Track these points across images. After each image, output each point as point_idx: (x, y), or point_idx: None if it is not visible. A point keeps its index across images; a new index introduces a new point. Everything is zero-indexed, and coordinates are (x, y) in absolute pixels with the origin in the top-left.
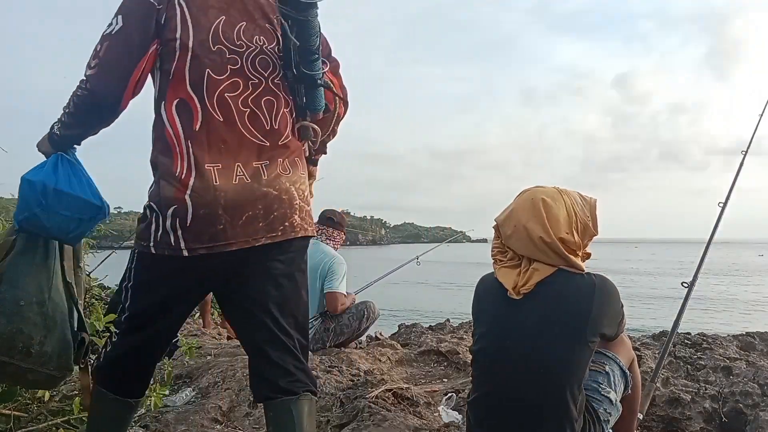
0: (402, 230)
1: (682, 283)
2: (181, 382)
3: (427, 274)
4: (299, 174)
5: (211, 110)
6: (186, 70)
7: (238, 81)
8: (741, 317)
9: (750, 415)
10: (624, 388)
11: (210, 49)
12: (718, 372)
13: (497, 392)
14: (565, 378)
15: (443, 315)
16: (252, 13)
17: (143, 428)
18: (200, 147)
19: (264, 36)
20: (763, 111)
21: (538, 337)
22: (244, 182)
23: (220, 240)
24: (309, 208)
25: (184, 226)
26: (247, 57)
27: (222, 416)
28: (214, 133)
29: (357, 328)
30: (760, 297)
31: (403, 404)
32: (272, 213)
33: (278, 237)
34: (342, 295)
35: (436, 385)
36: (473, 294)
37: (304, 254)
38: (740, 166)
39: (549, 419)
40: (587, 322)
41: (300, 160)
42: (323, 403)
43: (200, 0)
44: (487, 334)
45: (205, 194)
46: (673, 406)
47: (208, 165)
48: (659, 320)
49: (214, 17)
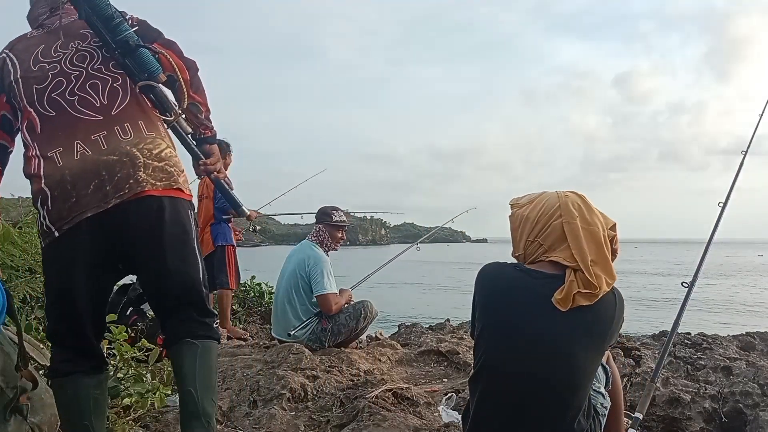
0: (402, 230)
1: (682, 283)
2: None
3: (428, 275)
4: (143, 136)
5: (44, 111)
6: (23, 95)
7: (61, 80)
8: (741, 317)
9: (750, 415)
10: (606, 382)
11: (32, 69)
12: (718, 372)
13: (508, 391)
14: (586, 379)
15: (443, 315)
16: (68, 31)
17: (143, 428)
18: (43, 142)
19: (78, 39)
20: (763, 111)
21: (565, 339)
22: (85, 155)
23: (75, 211)
24: (162, 164)
25: (48, 210)
26: (65, 59)
27: (222, 416)
28: (50, 127)
29: (354, 328)
30: (760, 297)
31: (403, 404)
32: (116, 176)
33: (126, 195)
34: (333, 295)
35: (436, 385)
36: (484, 278)
37: (167, 210)
38: (740, 166)
39: (569, 415)
40: (611, 334)
41: (145, 123)
42: (323, 403)
43: (23, 43)
44: (504, 331)
45: (54, 175)
46: (673, 406)
47: (50, 152)
48: (659, 321)
49: (34, 48)
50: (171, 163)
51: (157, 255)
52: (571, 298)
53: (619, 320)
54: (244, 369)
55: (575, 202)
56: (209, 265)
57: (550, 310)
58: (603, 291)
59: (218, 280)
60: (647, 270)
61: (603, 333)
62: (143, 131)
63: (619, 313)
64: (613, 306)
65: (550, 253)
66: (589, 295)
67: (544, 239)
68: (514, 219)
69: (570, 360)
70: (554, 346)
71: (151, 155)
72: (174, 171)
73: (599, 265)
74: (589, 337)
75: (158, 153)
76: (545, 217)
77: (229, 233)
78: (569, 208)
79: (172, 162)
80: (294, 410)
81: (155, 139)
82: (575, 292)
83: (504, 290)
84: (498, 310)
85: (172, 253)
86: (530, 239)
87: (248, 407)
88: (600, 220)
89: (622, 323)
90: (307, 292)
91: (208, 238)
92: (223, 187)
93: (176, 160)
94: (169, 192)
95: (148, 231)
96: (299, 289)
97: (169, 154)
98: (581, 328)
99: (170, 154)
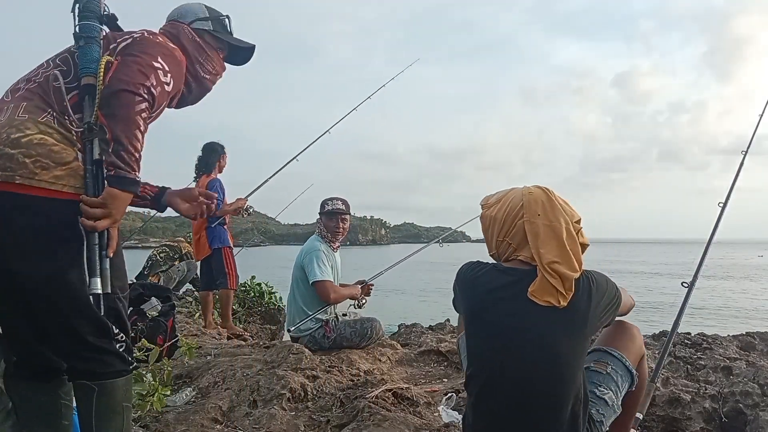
0: (402, 230)
1: (682, 283)
2: (181, 382)
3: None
4: (14, 118)
5: None
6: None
7: (8, 92)
8: (741, 318)
9: (750, 415)
10: (629, 386)
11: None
12: (718, 372)
13: (505, 389)
14: (575, 367)
15: (443, 315)
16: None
17: (143, 428)
18: None
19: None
20: (763, 111)
21: (547, 332)
22: None
23: None
24: (15, 151)
25: None
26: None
27: (222, 416)
28: None
29: (356, 345)
30: (760, 298)
31: (403, 404)
32: None
33: None
34: (329, 283)
35: (436, 385)
36: (464, 281)
37: (19, 209)
38: (740, 166)
39: (565, 406)
40: (591, 317)
41: (28, 106)
42: (323, 403)
43: None
44: (492, 331)
45: None
46: (673, 406)
47: None
48: (659, 321)
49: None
50: (29, 153)
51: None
52: (545, 291)
53: (598, 301)
54: (244, 369)
55: (538, 199)
56: (207, 267)
57: (530, 306)
58: (568, 291)
59: (218, 282)
60: (647, 270)
61: (582, 321)
62: (17, 112)
63: (596, 295)
64: (587, 291)
65: (519, 251)
66: (556, 293)
67: (512, 238)
68: (484, 220)
69: (555, 353)
70: (539, 341)
71: (6, 140)
72: (27, 162)
73: (564, 264)
74: (570, 328)
75: (16, 138)
76: (510, 217)
77: (224, 235)
78: (531, 207)
79: (35, 152)
80: (294, 410)
81: (25, 122)
82: (547, 290)
83: (486, 292)
84: (484, 310)
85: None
86: (500, 239)
87: (248, 407)
88: (564, 216)
89: (608, 301)
90: (306, 284)
91: (204, 241)
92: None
93: (46, 150)
94: (5, 186)
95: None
96: (298, 282)
97: (36, 141)
98: (561, 320)
99: (36, 142)
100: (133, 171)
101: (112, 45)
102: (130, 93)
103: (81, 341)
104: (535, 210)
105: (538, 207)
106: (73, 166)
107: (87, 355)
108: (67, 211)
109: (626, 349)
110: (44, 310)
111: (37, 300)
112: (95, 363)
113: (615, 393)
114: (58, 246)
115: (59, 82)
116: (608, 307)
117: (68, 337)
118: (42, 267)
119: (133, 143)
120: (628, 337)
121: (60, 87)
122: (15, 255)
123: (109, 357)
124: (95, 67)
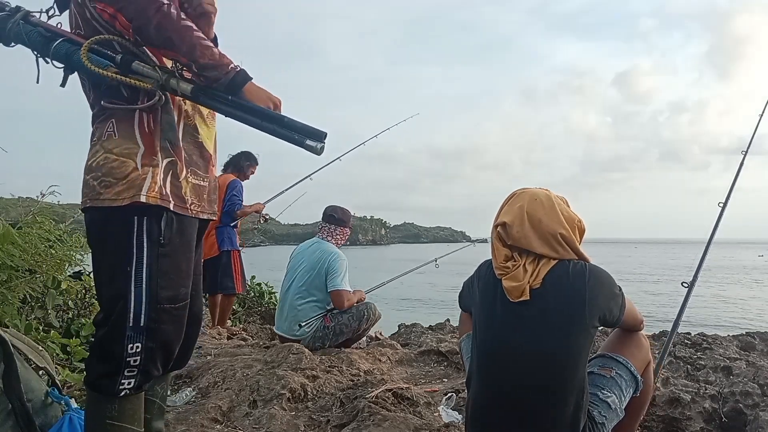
0: (402, 230)
1: (682, 284)
2: (181, 382)
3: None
4: (92, 146)
5: None
6: None
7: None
8: (740, 318)
9: (750, 415)
10: (634, 391)
11: None
12: (718, 372)
13: (503, 384)
14: (572, 362)
15: (443, 315)
16: None
17: None
18: None
19: None
20: (764, 110)
21: (542, 327)
22: None
23: None
24: (88, 177)
25: None
26: None
27: (222, 416)
28: None
29: (356, 329)
30: (760, 298)
31: (403, 404)
32: None
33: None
34: (347, 292)
35: (436, 385)
36: (473, 277)
37: (89, 228)
38: (740, 166)
39: (562, 401)
40: (584, 304)
41: (96, 130)
42: (323, 403)
43: None
44: (486, 329)
45: None
46: (673, 406)
47: None
48: (659, 321)
49: None
50: (97, 175)
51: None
52: (518, 291)
53: (595, 287)
54: (244, 369)
55: (534, 207)
56: (214, 268)
57: (525, 304)
58: (530, 282)
59: (224, 285)
60: (646, 270)
61: (573, 303)
62: (91, 140)
63: (593, 288)
64: (579, 274)
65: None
66: (517, 286)
67: (516, 240)
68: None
69: (551, 350)
70: (529, 338)
71: (85, 168)
72: (95, 185)
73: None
74: (557, 320)
75: (89, 164)
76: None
77: (234, 237)
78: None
79: (101, 172)
80: (294, 410)
81: (94, 146)
82: (528, 275)
83: (482, 290)
84: (480, 308)
85: (96, 268)
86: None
87: (248, 407)
88: (562, 220)
89: (612, 295)
90: (323, 289)
91: (213, 241)
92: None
93: (108, 168)
94: (89, 209)
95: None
96: (315, 287)
97: (100, 162)
98: (546, 314)
99: (101, 163)
100: (228, 64)
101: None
102: (149, 7)
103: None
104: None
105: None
106: (132, 177)
107: (91, 350)
108: (123, 216)
109: (632, 356)
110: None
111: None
112: (88, 361)
113: (618, 397)
114: (110, 241)
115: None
116: (609, 299)
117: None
118: (98, 262)
119: (201, 44)
120: (634, 344)
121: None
122: (96, 262)
123: (101, 366)
124: (103, 63)
